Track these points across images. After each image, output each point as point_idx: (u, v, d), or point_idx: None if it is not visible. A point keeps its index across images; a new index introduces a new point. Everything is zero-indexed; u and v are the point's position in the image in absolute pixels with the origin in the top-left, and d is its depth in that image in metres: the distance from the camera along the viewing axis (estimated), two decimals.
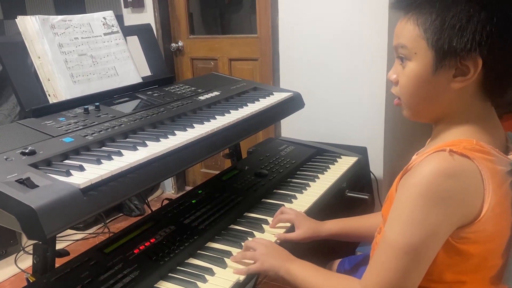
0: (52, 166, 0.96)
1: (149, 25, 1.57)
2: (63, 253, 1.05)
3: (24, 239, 2.56)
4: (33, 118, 1.16)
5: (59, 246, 2.62)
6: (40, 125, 1.11)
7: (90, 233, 2.66)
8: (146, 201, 1.99)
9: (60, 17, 1.27)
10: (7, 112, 2.84)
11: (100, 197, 0.88)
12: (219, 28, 3.65)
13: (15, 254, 2.44)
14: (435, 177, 0.74)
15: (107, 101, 1.30)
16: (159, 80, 1.55)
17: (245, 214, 1.31)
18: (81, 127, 1.12)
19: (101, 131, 1.12)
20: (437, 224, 0.74)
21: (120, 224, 2.78)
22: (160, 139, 1.11)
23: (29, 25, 1.21)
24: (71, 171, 0.91)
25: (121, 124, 1.17)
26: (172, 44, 2.90)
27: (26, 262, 2.38)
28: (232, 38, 2.83)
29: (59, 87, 1.25)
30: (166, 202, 1.37)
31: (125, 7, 2.88)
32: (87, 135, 1.08)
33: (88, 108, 1.22)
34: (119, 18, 2.51)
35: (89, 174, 0.91)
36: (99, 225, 2.72)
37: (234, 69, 2.80)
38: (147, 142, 1.08)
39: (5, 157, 0.93)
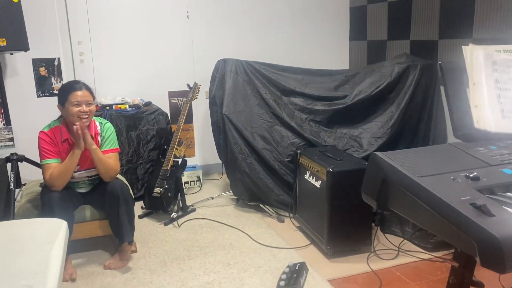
0: (496, 195, 0.94)
1: None
2: (478, 283, 1.03)
3: (376, 242, 2.76)
4: (463, 141, 1.19)
5: (405, 259, 2.66)
6: (472, 150, 1.13)
7: (436, 256, 2.63)
8: None
9: (503, 55, 1.28)
10: (381, 124, 3.14)
11: None
12: None
13: (367, 254, 2.66)
14: None
15: None
16: None
17: None
18: None
19: None
20: None
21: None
22: None
23: (473, 55, 1.26)
24: None
25: None
26: None
27: (376, 264, 2.55)
28: None
29: (485, 116, 1.25)
30: None
31: None
32: None
33: None
34: None
35: None
36: (447, 251, 2.64)
37: None
38: None
39: (452, 177, 0.98)
